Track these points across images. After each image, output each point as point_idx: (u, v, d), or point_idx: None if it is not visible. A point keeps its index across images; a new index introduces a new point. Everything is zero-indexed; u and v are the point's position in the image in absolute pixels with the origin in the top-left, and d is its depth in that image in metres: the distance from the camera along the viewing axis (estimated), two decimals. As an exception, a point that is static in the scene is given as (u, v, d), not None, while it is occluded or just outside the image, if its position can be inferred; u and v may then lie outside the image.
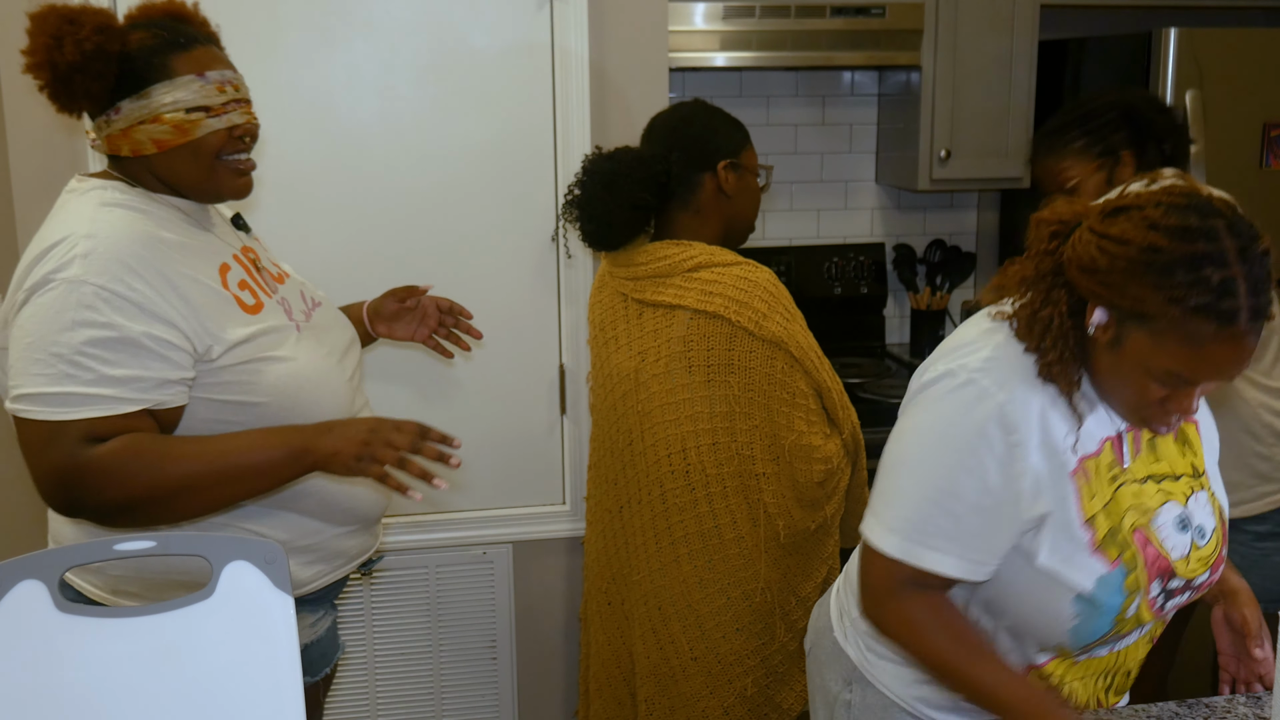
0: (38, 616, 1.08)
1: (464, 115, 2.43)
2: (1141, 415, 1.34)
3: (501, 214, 2.49)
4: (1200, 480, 1.45)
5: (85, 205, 1.57)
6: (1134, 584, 1.35)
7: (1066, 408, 1.35)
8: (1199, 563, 1.41)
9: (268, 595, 1.13)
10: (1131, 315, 1.24)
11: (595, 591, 2.31)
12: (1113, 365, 1.30)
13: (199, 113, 1.58)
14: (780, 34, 2.94)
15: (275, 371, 1.61)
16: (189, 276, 1.56)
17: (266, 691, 1.12)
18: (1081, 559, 1.34)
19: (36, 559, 1.09)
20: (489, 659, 2.67)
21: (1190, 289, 1.19)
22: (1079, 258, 1.28)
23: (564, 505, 2.64)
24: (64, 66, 1.54)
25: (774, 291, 2.02)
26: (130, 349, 1.48)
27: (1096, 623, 1.36)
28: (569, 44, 2.42)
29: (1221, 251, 1.20)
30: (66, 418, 1.46)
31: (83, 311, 1.46)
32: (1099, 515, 1.35)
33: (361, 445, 1.54)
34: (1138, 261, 1.22)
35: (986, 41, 3.07)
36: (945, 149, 3.12)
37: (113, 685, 1.10)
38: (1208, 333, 1.20)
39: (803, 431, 2.02)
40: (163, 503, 1.51)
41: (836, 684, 1.59)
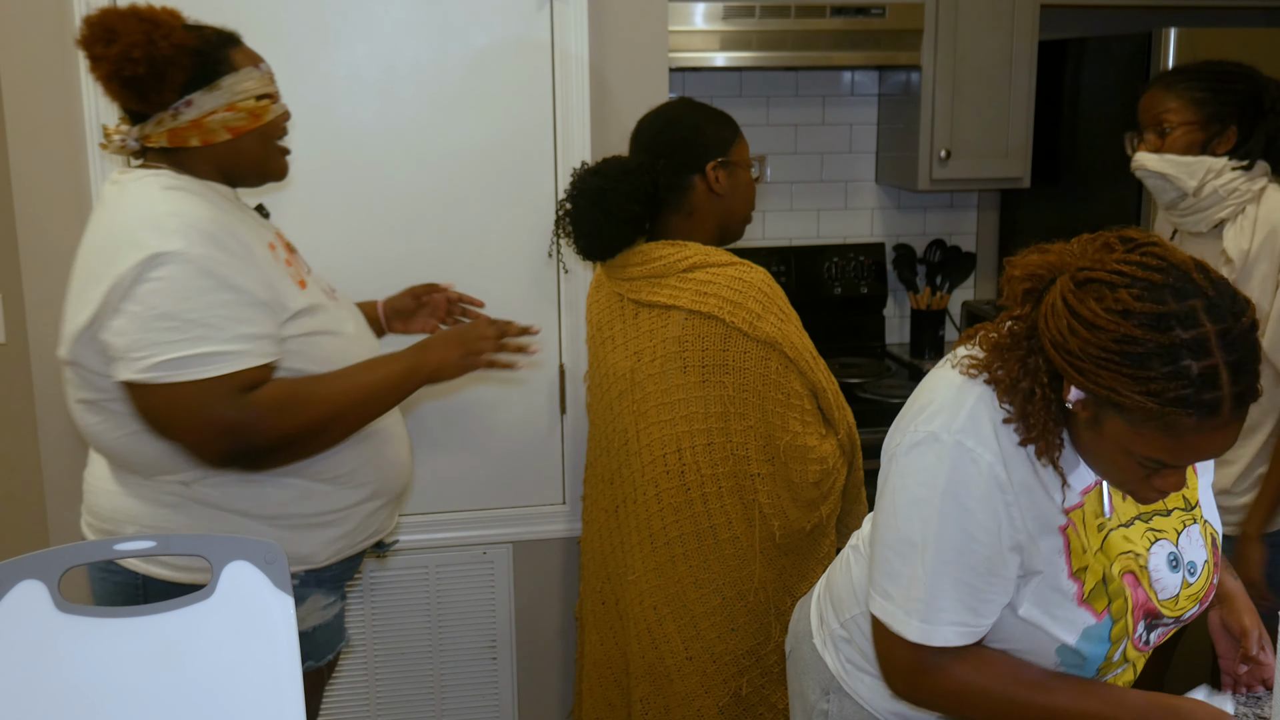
0: (38, 616, 1.08)
1: (464, 115, 2.43)
2: (1127, 490, 1.29)
3: (501, 214, 2.49)
4: (1193, 513, 1.40)
5: (148, 189, 1.66)
6: (1120, 631, 1.32)
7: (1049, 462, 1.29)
8: (1188, 600, 1.37)
9: (268, 595, 1.13)
10: (1107, 402, 1.17)
11: (591, 592, 2.31)
12: (1093, 442, 1.25)
13: (266, 99, 1.73)
14: (780, 34, 2.94)
15: (328, 344, 1.74)
16: (253, 253, 1.68)
17: (266, 691, 1.12)
18: (1067, 611, 1.31)
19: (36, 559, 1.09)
20: (489, 659, 2.67)
21: (1168, 382, 1.11)
22: (1051, 332, 1.20)
23: (563, 505, 2.64)
24: (160, 60, 1.63)
25: (768, 292, 2.02)
26: (250, 307, 1.61)
27: (1081, 670, 1.34)
28: (569, 44, 2.42)
29: (1201, 339, 1.11)
30: (220, 372, 1.58)
31: (202, 278, 1.58)
32: (1089, 566, 1.31)
33: (460, 347, 1.78)
34: (1112, 351, 1.14)
35: (986, 41, 3.07)
36: (945, 149, 3.12)
37: (113, 685, 1.10)
38: (1189, 425, 1.13)
39: (797, 432, 2.02)
40: (316, 435, 1.68)
41: (814, 693, 1.57)
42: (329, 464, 1.74)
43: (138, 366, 1.57)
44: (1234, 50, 2.45)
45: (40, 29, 2.25)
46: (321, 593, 1.81)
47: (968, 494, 1.28)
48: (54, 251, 2.32)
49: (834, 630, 1.55)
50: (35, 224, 2.32)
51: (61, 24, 2.25)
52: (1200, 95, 2.19)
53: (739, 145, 2.12)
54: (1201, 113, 2.19)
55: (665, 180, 2.07)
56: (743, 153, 2.13)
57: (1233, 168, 2.16)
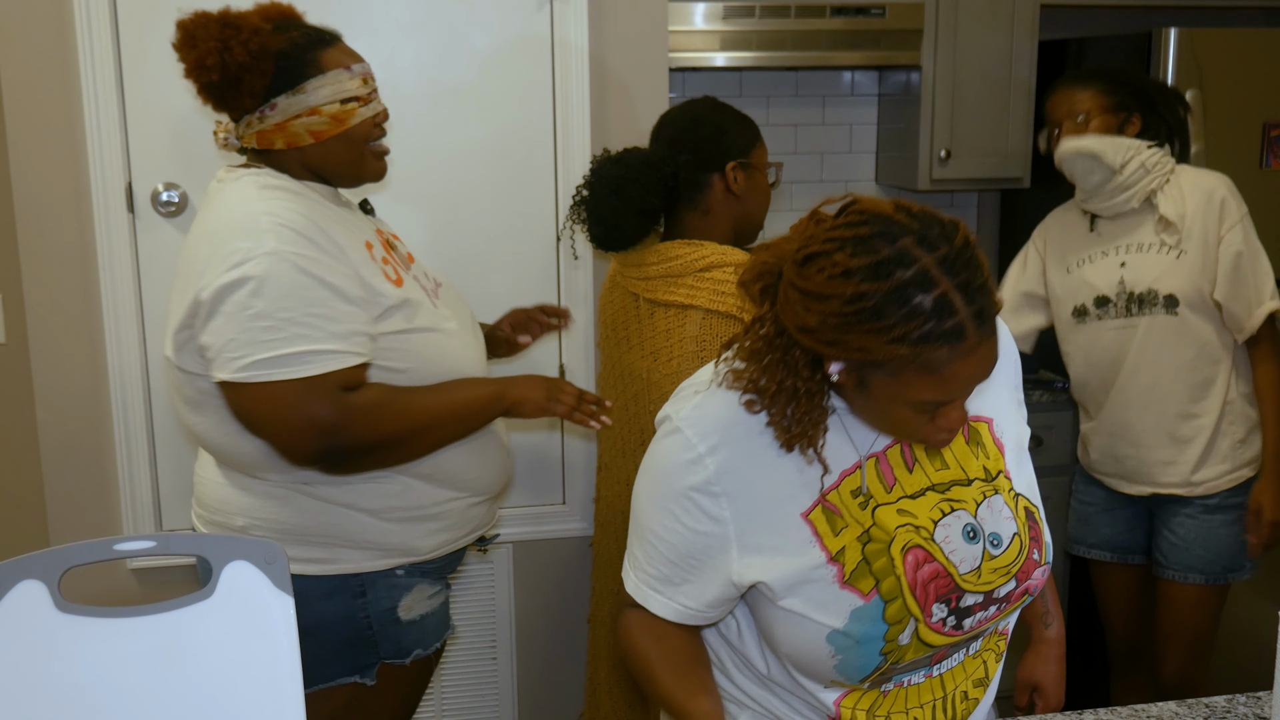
0: (38, 616, 1.08)
1: (464, 115, 2.43)
2: (916, 439, 1.28)
3: (501, 214, 2.49)
4: (994, 484, 1.35)
5: (246, 189, 1.68)
6: (898, 612, 1.27)
7: (795, 455, 1.28)
8: (994, 574, 1.31)
9: (268, 595, 1.13)
10: (864, 364, 1.17)
11: (606, 594, 2.30)
12: (867, 405, 1.24)
13: (353, 103, 1.72)
14: (780, 34, 2.95)
15: (423, 340, 1.75)
16: (347, 251, 1.68)
17: (266, 691, 1.12)
18: (829, 596, 1.27)
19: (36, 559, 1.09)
20: (489, 659, 2.67)
21: (908, 323, 1.12)
22: (791, 318, 1.20)
23: (564, 505, 2.64)
24: (234, 67, 1.64)
25: None
26: (345, 305, 1.63)
27: (861, 656, 1.28)
28: (569, 44, 2.42)
29: (922, 272, 1.12)
30: (318, 371, 1.60)
31: (297, 277, 1.59)
32: (848, 547, 1.28)
33: (547, 391, 1.82)
34: (846, 314, 1.13)
35: (986, 41, 3.07)
36: (945, 149, 3.12)
37: (113, 685, 1.10)
38: (943, 357, 1.13)
39: None
40: (407, 442, 1.71)
41: None
42: (432, 463, 1.77)
43: (234, 366, 1.60)
44: (1234, 50, 2.46)
45: (40, 29, 2.25)
46: (427, 582, 1.84)
47: (675, 475, 1.30)
48: (54, 251, 2.32)
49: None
50: (35, 224, 2.32)
51: (62, 24, 2.25)
52: (1105, 87, 2.40)
53: (759, 149, 2.12)
54: (1111, 100, 2.40)
55: (685, 175, 2.07)
56: (762, 157, 2.13)
57: (1148, 146, 2.35)
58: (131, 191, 2.33)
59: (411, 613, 1.82)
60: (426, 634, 1.86)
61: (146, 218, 2.35)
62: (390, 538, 1.78)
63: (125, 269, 2.33)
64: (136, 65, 2.29)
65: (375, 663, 1.81)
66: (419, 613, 1.83)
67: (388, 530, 1.77)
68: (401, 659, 1.82)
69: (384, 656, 1.81)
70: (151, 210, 2.34)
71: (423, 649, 1.85)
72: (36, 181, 2.31)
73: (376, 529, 1.76)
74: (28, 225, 2.32)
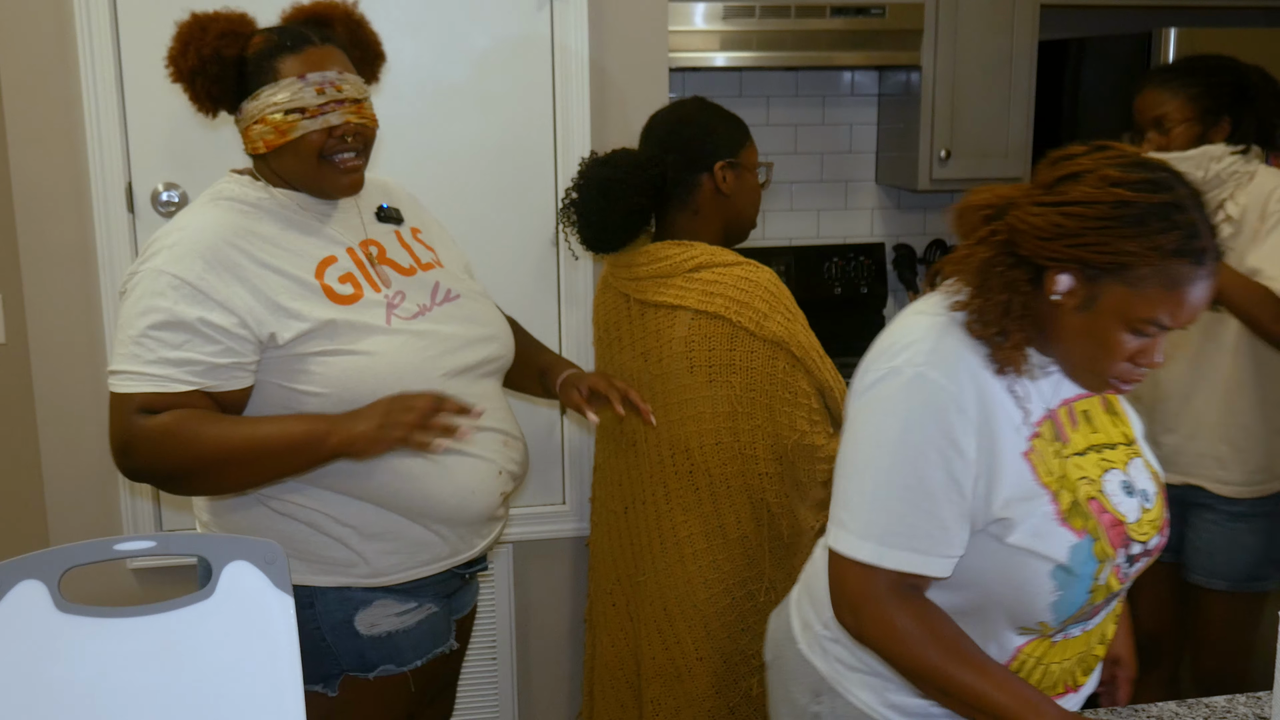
0: (38, 616, 1.08)
1: (464, 115, 2.43)
2: (1109, 374, 1.35)
3: (501, 214, 2.49)
4: (1133, 448, 1.48)
5: (204, 198, 1.72)
6: (1101, 551, 1.36)
7: (1010, 392, 1.36)
8: (1150, 525, 1.43)
9: (268, 595, 1.13)
10: (1107, 270, 1.28)
11: (601, 593, 2.31)
12: (1083, 327, 1.32)
13: (295, 114, 1.66)
14: (780, 34, 2.95)
15: (342, 364, 1.66)
16: (271, 267, 1.65)
17: (266, 691, 1.12)
18: (1051, 531, 1.35)
19: (36, 559, 1.09)
20: (489, 659, 2.67)
21: (1165, 235, 1.25)
22: (1035, 229, 1.31)
23: (564, 505, 2.64)
24: (185, 71, 1.66)
25: (775, 291, 2.02)
26: (185, 332, 1.59)
27: (1075, 592, 1.36)
28: (569, 44, 2.42)
29: (1181, 199, 1.27)
30: (127, 390, 1.59)
31: (153, 298, 1.60)
32: (1060, 490, 1.36)
33: (380, 419, 1.59)
34: (1111, 217, 1.26)
35: (986, 41, 3.07)
36: (945, 149, 3.12)
37: (113, 685, 1.10)
38: (1184, 273, 1.26)
39: (805, 431, 2.02)
40: (201, 475, 1.63)
41: (804, 696, 1.57)
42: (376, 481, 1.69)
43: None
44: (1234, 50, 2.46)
45: (40, 29, 2.25)
46: (393, 599, 1.76)
47: (928, 420, 1.33)
48: (54, 251, 2.32)
49: (819, 633, 1.55)
50: (35, 224, 2.32)
51: (61, 24, 2.25)
52: (1194, 91, 2.33)
53: (749, 149, 2.13)
54: (1198, 108, 2.32)
55: (673, 176, 2.07)
56: (751, 156, 2.13)
57: (1230, 153, 2.30)
58: (131, 191, 2.33)
59: (375, 629, 1.75)
60: (400, 651, 1.77)
61: (146, 217, 2.35)
62: (332, 552, 1.71)
63: (125, 269, 2.33)
64: (136, 65, 2.29)
65: (337, 674, 1.74)
66: (385, 629, 1.75)
67: (329, 545, 1.71)
68: (365, 673, 1.75)
69: (347, 669, 1.74)
70: (151, 210, 2.34)
71: (395, 665, 1.77)
72: (36, 181, 2.30)
73: (319, 542, 1.71)
74: (28, 225, 2.32)
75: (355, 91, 1.70)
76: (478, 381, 1.81)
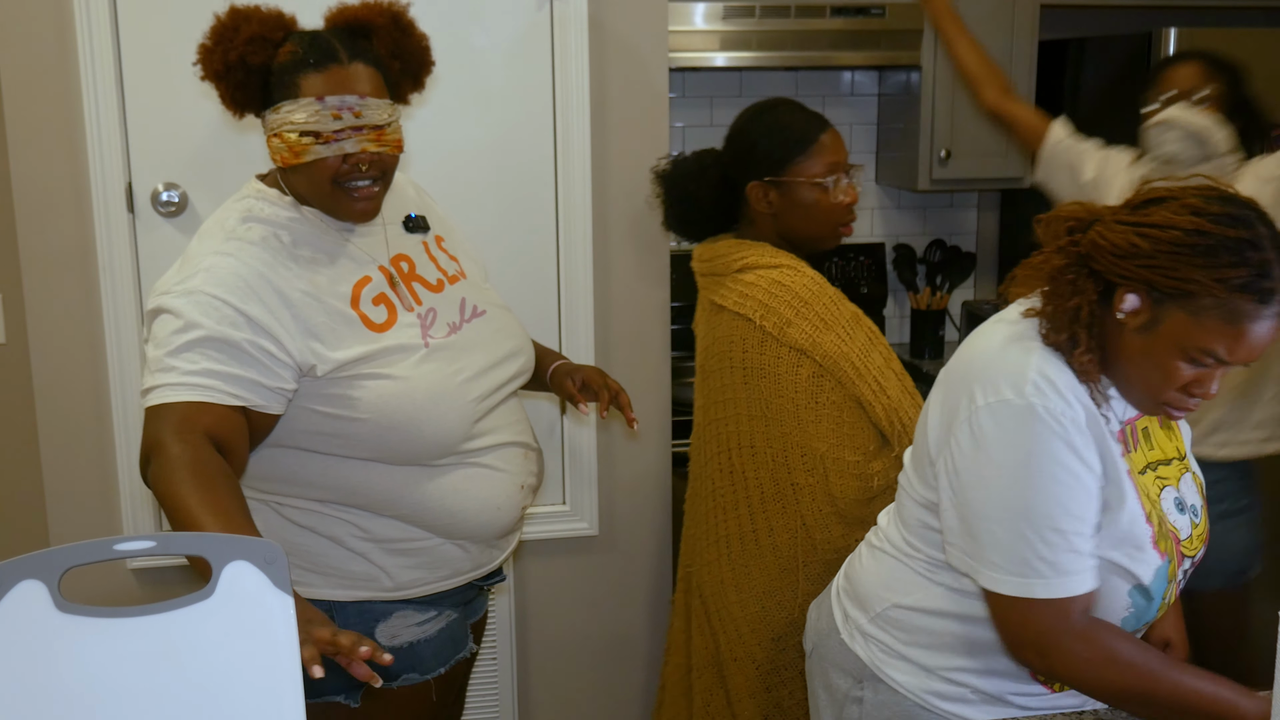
0: (38, 616, 1.08)
1: (464, 115, 2.43)
2: (1162, 400, 1.38)
3: (501, 214, 2.48)
4: (1185, 463, 1.51)
5: (229, 215, 1.66)
6: (1173, 572, 1.41)
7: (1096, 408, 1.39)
8: (1198, 539, 1.48)
9: (268, 595, 1.13)
10: (1173, 295, 1.30)
11: (681, 575, 2.34)
12: (1143, 349, 1.34)
13: (309, 138, 1.60)
14: (780, 34, 2.94)
15: (379, 389, 1.63)
16: (311, 295, 1.62)
17: (266, 691, 1.12)
18: (1145, 552, 1.38)
19: (36, 559, 1.09)
20: (489, 659, 2.67)
21: (1234, 269, 1.27)
22: (1111, 245, 1.33)
23: (564, 506, 2.64)
24: (212, 72, 1.62)
25: (805, 297, 1.98)
26: (231, 350, 1.54)
27: (1147, 611, 1.41)
28: (569, 44, 2.42)
29: (1259, 237, 1.29)
30: (165, 401, 1.51)
31: (196, 316, 1.54)
32: (1151, 511, 1.40)
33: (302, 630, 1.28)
34: (1184, 244, 1.29)
35: (986, 41, 3.07)
36: (945, 149, 3.12)
37: (113, 685, 1.10)
38: (1247, 310, 1.28)
39: (833, 444, 1.98)
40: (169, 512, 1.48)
41: (845, 682, 1.61)
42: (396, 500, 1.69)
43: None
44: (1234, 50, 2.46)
45: (40, 29, 2.25)
46: (412, 610, 1.76)
47: (1059, 448, 1.34)
48: (54, 251, 2.32)
49: (862, 625, 1.59)
50: (35, 224, 2.32)
51: (62, 24, 2.25)
52: (1231, 84, 2.36)
53: (798, 165, 2.03)
54: (1232, 99, 2.36)
55: (731, 180, 2.10)
56: (805, 172, 2.03)
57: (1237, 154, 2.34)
58: (131, 191, 2.33)
59: (396, 639, 1.75)
60: (422, 660, 1.77)
61: (146, 218, 2.35)
62: (354, 566, 1.71)
63: (125, 269, 2.33)
64: (136, 65, 2.29)
65: (359, 684, 1.72)
66: (407, 639, 1.75)
67: (351, 559, 1.71)
68: (388, 683, 1.74)
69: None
70: (151, 210, 2.34)
71: (418, 674, 1.77)
72: (36, 181, 2.30)
73: (340, 556, 1.71)
74: (28, 225, 2.32)
75: (377, 117, 1.63)
76: (507, 398, 1.83)
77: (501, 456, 1.77)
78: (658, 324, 2.59)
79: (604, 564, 2.66)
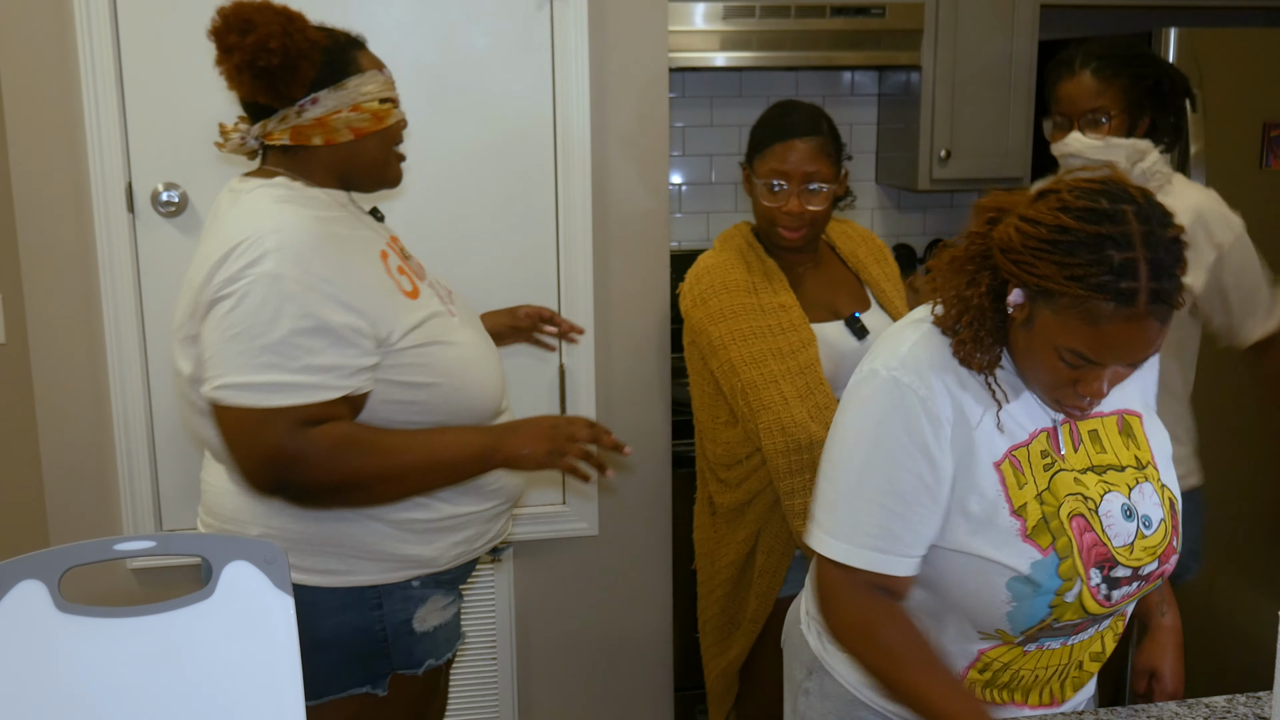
0: (38, 616, 1.08)
1: (464, 115, 2.43)
2: (1055, 397, 1.36)
3: (501, 214, 2.48)
4: (1144, 472, 1.46)
5: (260, 202, 1.65)
6: (1069, 570, 1.36)
7: (986, 397, 1.38)
8: (1144, 552, 1.41)
9: (268, 595, 1.13)
10: (1039, 293, 1.28)
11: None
12: (1026, 344, 1.33)
13: (389, 103, 1.73)
14: (780, 34, 2.95)
15: (446, 355, 1.72)
16: (362, 266, 1.67)
17: (266, 691, 1.12)
18: (1012, 546, 1.36)
19: (36, 559, 1.09)
20: (489, 659, 2.67)
21: (1090, 268, 1.22)
22: (1000, 239, 1.32)
23: (564, 505, 2.64)
24: (294, 52, 1.63)
25: (699, 273, 2.17)
26: (329, 337, 1.57)
27: (1033, 606, 1.36)
28: (569, 44, 2.42)
29: (1126, 234, 1.23)
30: (280, 404, 1.55)
31: (285, 304, 1.55)
32: (1029, 503, 1.37)
33: (549, 443, 1.70)
34: (1046, 241, 1.26)
35: (986, 41, 3.07)
36: (945, 149, 3.12)
37: (113, 685, 1.10)
38: (1105, 311, 1.23)
39: (699, 406, 2.21)
40: (364, 488, 1.64)
41: (800, 673, 1.63)
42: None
43: (210, 385, 1.58)
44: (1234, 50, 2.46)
45: (40, 29, 2.25)
46: (440, 594, 1.82)
47: (897, 423, 1.35)
48: (54, 251, 2.32)
49: (813, 614, 1.60)
50: (35, 224, 2.32)
51: (62, 24, 2.25)
52: (1126, 83, 2.21)
53: (762, 160, 2.12)
54: (1128, 100, 2.21)
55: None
56: (762, 168, 2.12)
57: (1156, 150, 2.21)
58: (131, 191, 2.33)
59: (426, 624, 1.80)
60: (439, 644, 1.84)
61: (146, 218, 2.35)
62: (407, 548, 1.74)
63: (125, 269, 2.33)
64: (136, 65, 2.29)
65: (387, 673, 1.78)
66: (432, 624, 1.81)
67: (405, 541, 1.74)
68: (414, 669, 1.80)
69: (397, 667, 1.79)
70: (151, 210, 2.34)
71: (435, 659, 1.83)
72: (36, 181, 2.30)
73: (394, 540, 1.73)
74: (28, 225, 2.32)
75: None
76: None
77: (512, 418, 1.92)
78: (657, 324, 2.59)
79: (604, 564, 2.66)
